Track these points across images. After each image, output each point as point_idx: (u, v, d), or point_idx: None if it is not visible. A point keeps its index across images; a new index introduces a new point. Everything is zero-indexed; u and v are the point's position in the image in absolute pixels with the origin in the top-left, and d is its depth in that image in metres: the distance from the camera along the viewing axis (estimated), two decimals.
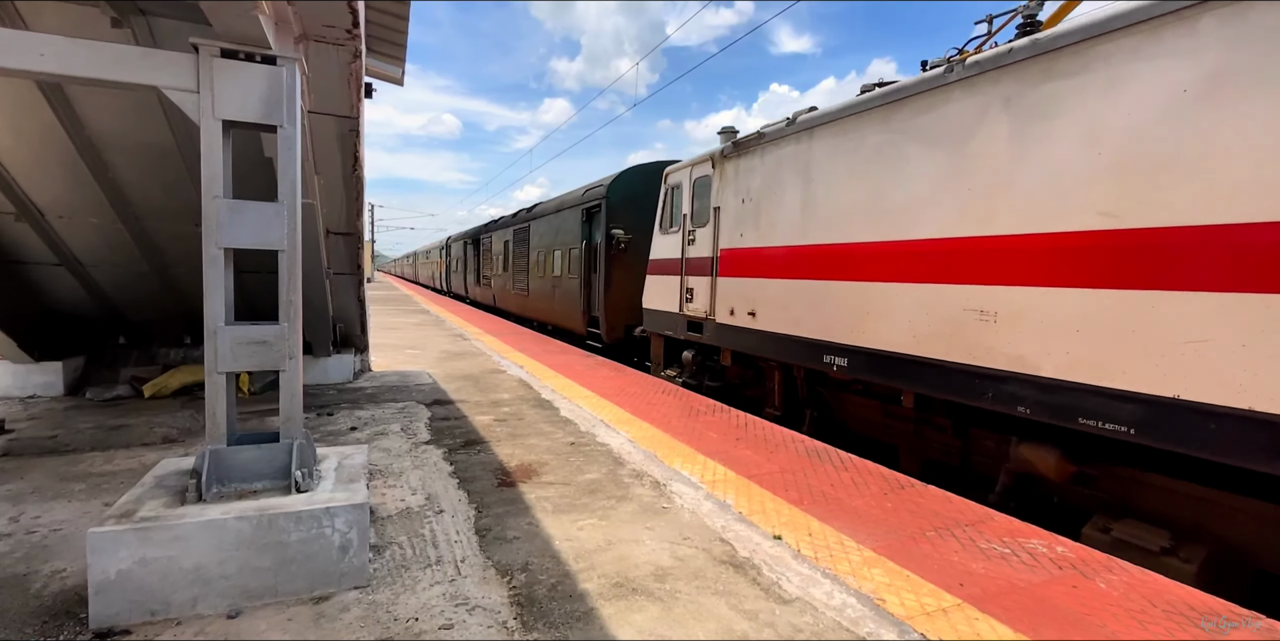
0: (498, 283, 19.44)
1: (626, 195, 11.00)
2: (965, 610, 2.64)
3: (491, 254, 20.34)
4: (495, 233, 19.78)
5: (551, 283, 13.76)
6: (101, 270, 5.95)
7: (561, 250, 13.14)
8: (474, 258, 23.68)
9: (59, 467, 4.31)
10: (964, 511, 3.75)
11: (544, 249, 14.35)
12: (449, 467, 4.43)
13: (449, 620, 2.54)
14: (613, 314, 10.88)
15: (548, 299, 14.11)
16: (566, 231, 12.82)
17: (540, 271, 14.65)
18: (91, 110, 4.29)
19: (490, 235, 20.58)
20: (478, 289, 23.13)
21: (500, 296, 19.20)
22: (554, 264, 13.59)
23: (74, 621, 2.47)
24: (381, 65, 7.62)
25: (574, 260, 12.24)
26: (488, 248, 21.03)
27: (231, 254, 2.94)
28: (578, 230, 12.11)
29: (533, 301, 15.48)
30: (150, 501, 2.71)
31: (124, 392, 6.52)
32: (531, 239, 15.43)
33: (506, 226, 18.12)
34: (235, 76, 2.80)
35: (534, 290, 15.18)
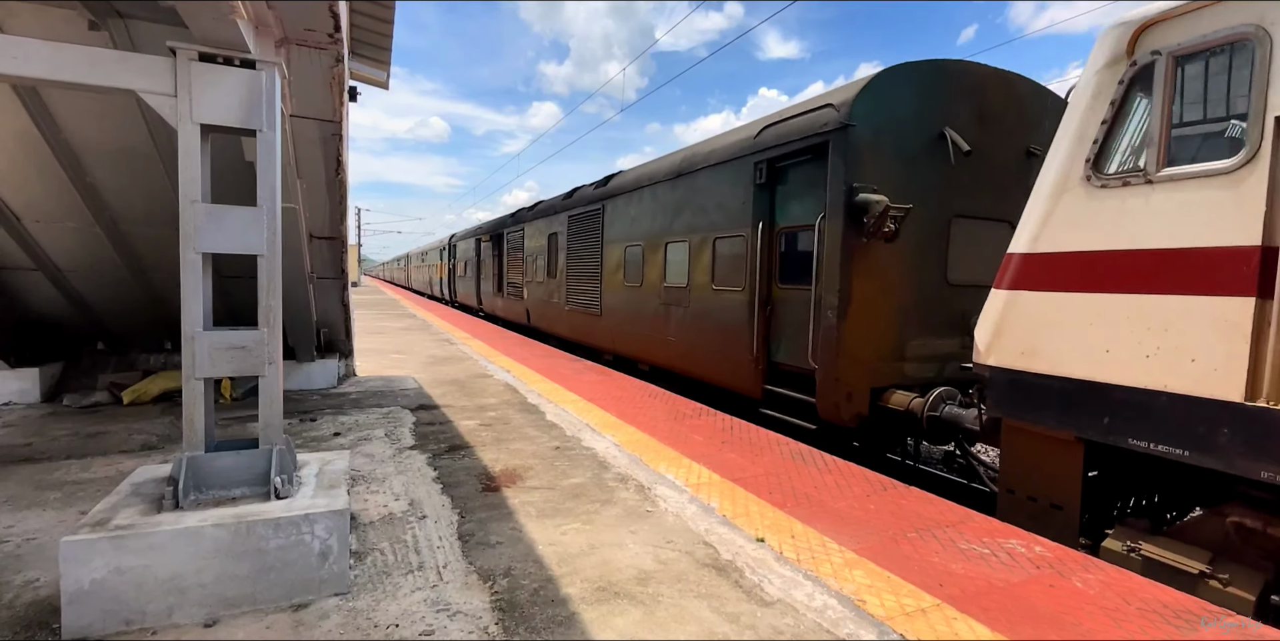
0: (537, 293, 14.05)
1: (890, 120, 5.54)
2: (944, 610, 2.67)
3: (524, 253, 14.98)
4: (532, 224, 14.35)
5: (667, 299, 8.29)
6: (79, 275, 5.87)
7: (695, 241, 7.61)
8: (493, 259, 18.41)
9: (34, 476, 4.23)
10: (945, 512, 3.79)
11: (646, 241, 8.89)
12: (432, 473, 4.41)
13: (430, 626, 2.52)
14: (852, 367, 5.52)
15: (655, 326, 8.60)
16: (709, 208, 7.33)
17: (635, 278, 9.23)
18: (68, 114, 4.24)
19: (522, 228, 15.23)
20: (499, 301, 17.84)
21: (540, 313, 13.95)
22: (672, 266, 8.20)
23: (46, 631, 2.43)
24: (366, 69, 7.60)
25: (731, 259, 6.92)
26: (517, 245, 15.64)
27: (210, 259, 2.92)
28: (740, 203, 6.71)
29: (614, 325, 10.05)
30: (126, 509, 2.68)
31: (102, 399, 6.42)
32: (612, 226, 10.11)
33: (552, 213, 12.97)
34: (214, 80, 2.78)
35: (620, 309, 9.81)
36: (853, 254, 5.39)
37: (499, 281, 17.88)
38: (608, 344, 10.44)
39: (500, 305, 17.87)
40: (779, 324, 6.31)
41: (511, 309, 16.49)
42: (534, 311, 14.48)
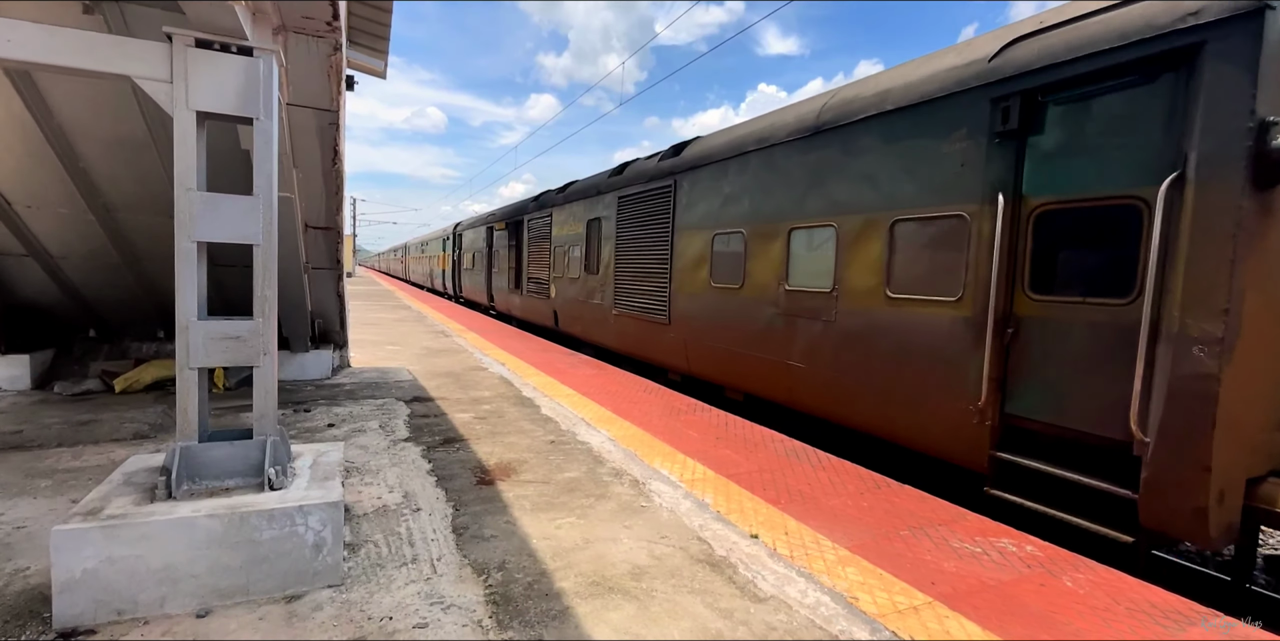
0: (569, 292, 11.53)
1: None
2: (936, 608, 2.69)
3: (552, 244, 12.49)
4: (564, 208, 11.88)
5: (790, 308, 5.99)
6: (71, 262, 5.82)
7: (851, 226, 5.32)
8: (509, 251, 15.98)
9: (24, 463, 4.20)
10: (938, 510, 3.81)
11: (751, 227, 6.52)
12: (427, 465, 4.40)
13: (423, 619, 2.52)
14: (1233, 446, 3.24)
15: (766, 344, 6.28)
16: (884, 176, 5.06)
17: (730, 278, 6.85)
18: (61, 98, 4.19)
19: (548, 213, 12.77)
20: (515, 298, 15.40)
21: (574, 315, 11.36)
22: (800, 263, 5.95)
23: (37, 621, 2.42)
24: (363, 58, 7.53)
25: (928, 253, 4.71)
26: (541, 234, 13.30)
27: (205, 248, 2.89)
28: (956, 166, 4.47)
29: (691, 338, 7.63)
30: (118, 498, 2.66)
31: (94, 387, 6.37)
32: (691, 208, 7.61)
33: (593, 195, 10.46)
34: (210, 67, 2.75)
35: (700, 318, 7.44)
36: (1253, 243, 3.13)
37: (516, 276, 15.36)
38: (678, 361, 7.84)
39: (518, 304, 15.28)
40: (1031, 357, 3.97)
41: (533, 309, 13.97)
42: (565, 313, 11.83)
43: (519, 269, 15.20)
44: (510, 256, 16.04)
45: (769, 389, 6.30)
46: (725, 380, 7.12)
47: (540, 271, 13.39)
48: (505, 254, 16.48)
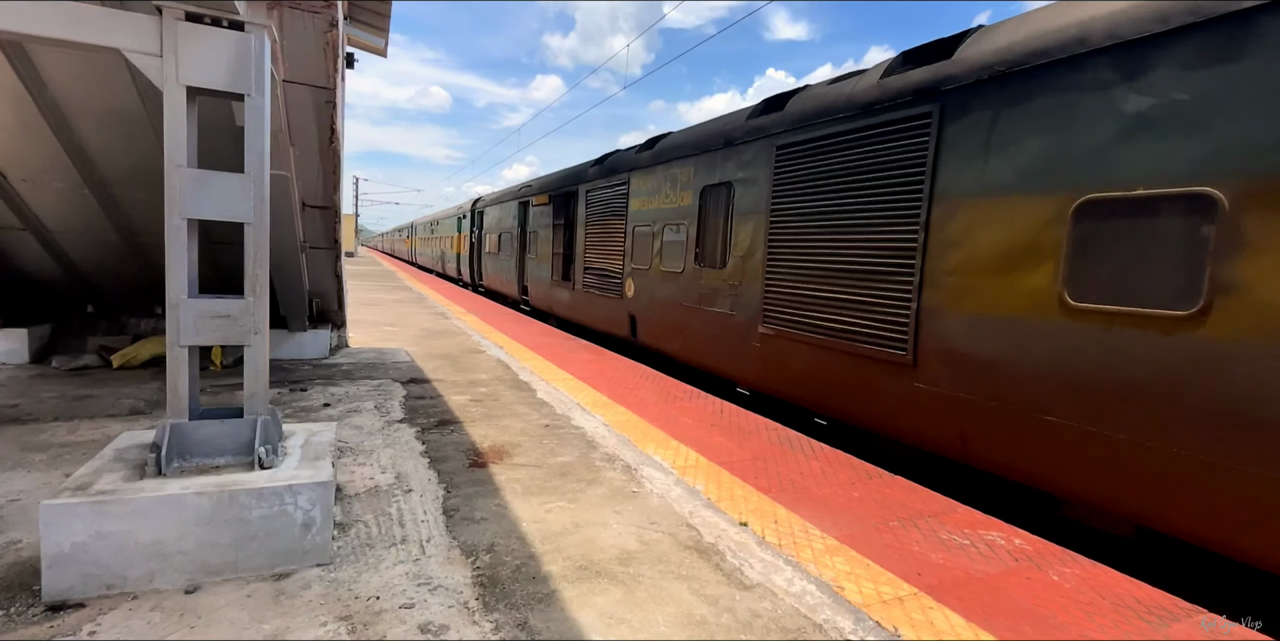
0: (660, 292, 8.33)
1: None
2: (921, 599, 2.70)
3: (631, 222, 9.18)
4: (651, 173, 8.65)
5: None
6: (68, 236, 5.79)
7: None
8: (556, 232, 12.41)
9: (20, 437, 4.22)
10: (928, 502, 3.81)
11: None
12: (420, 447, 4.42)
13: (410, 599, 2.54)
14: None
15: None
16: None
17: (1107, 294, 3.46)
18: (55, 70, 4.13)
19: (623, 182, 9.44)
20: (565, 294, 11.91)
21: (670, 326, 8.13)
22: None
23: (27, 593, 2.44)
24: (364, 35, 7.43)
25: None
26: (609, 209, 9.89)
27: (195, 225, 2.86)
28: None
29: (989, 398, 4.08)
30: (108, 474, 2.67)
31: (91, 362, 6.39)
32: (990, 154, 4.11)
33: (717, 148, 7.11)
34: (201, 41, 2.69)
35: (1044, 359, 3.77)
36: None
37: (565, 265, 12.02)
38: (943, 436, 4.47)
39: (566, 301, 11.83)
40: None
41: (592, 310, 10.57)
42: (650, 321, 8.56)
43: (569, 256, 11.74)
44: (556, 239, 12.38)
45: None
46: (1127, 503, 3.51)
47: (607, 260, 9.87)
48: (548, 236, 12.78)
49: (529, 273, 14.46)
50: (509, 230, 16.04)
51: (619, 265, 9.54)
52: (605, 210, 10.10)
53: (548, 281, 12.99)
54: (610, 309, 9.90)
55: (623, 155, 10.04)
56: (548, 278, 12.95)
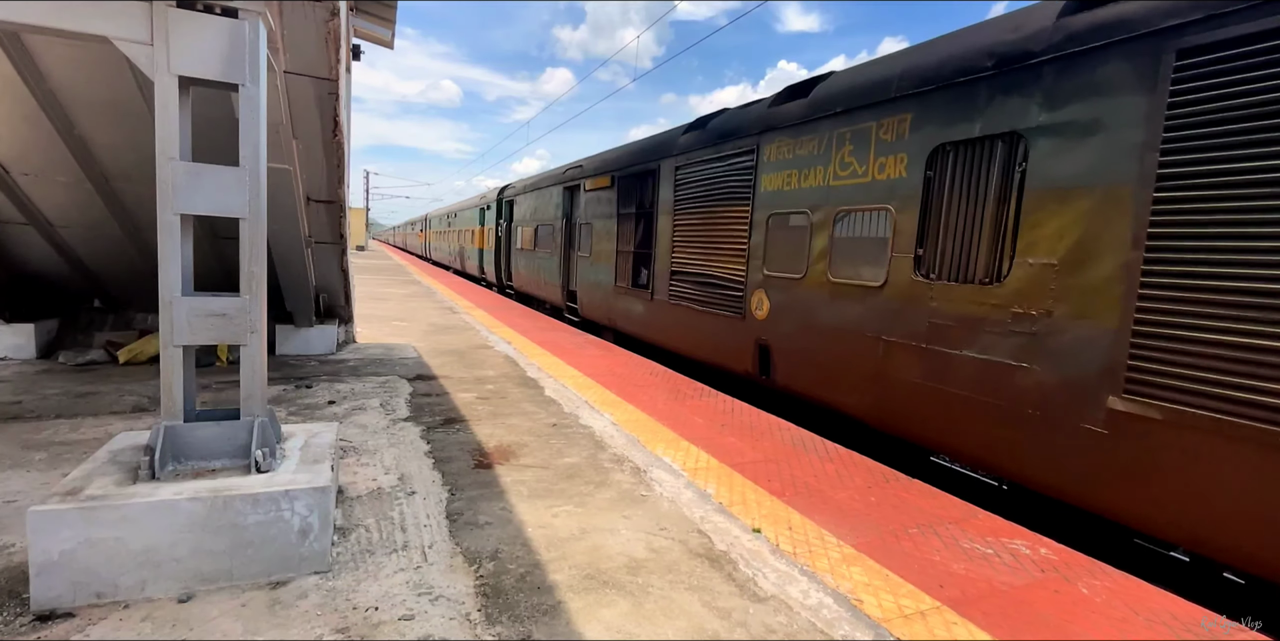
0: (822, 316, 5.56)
1: None
2: (944, 613, 2.57)
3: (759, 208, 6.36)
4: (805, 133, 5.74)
5: None
6: (73, 231, 5.74)
7: None
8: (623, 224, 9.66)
9: (21, 434, 4.18)
10: (948, 508, 3.67)
11: None
12: (425, 446, 4.33)
13: (410, 610, 2.44)
14: None
15: None
16: None
17: None
18: (52, 61, 4.04)
19: (749, 150, 6.50)
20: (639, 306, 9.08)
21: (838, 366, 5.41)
22: None
23: (16, 601, 2.36)
24: (370, 27, 7.31)
25: None
26: (714, 192, 7.15)
27: (190, 220, 2.77)
28: None
29: None
30: (100, 478, 2.59)
31: (98, 357, 6.36)
32: None
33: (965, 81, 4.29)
34: (193, 29, 2.59)
35: None
36: None
37: (637, 267, 9.13)
38: None
39: (640, 316, 8.92)
40: None
41: (687, 330, 7.70)
42: (803, 357, 5.85)
43: (643, 255, 8.93)
44: (623, 233, 9.55)
45: None
46: None
47: (715, 263, 7.01)
48: (609, 229, 10.00)
49: (578, 275, 11.53)
50: (549, 222, 13.29)
51: (737, 270, 6.56)
52: (711, 192, 7.13)
53: (607, 287, 9.96)
54: (720, 332, 6.85)
55: (741, 112, 6.84)
56: (607, 283, 9.97)
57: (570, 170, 12.15)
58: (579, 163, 11.86)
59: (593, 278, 10.83)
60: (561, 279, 12.57)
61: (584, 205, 11.28)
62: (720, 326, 6.94)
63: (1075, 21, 3.73)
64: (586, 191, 11.02)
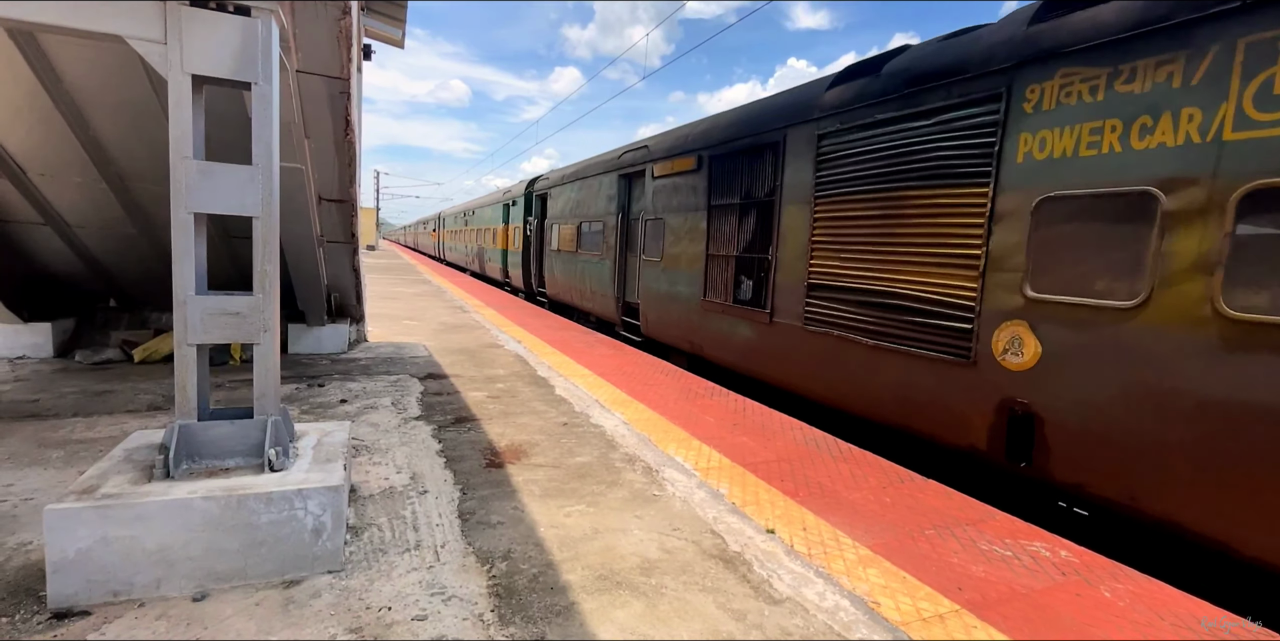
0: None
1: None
2: (963, 617, 2.53)
3: (997, 192, 4.02)
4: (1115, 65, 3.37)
5: None
6: (89, 231, 5.79)
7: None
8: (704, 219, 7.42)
9: (39, 433, 4.21)
10: (965, 508, 3.62)
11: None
12: (437, 445, 4.32)
13: (423, 611, 2.43)
14: None
15: None
16: None
17: None
18: (68, 62, 4.06)
19: (944, 105, 4.37)
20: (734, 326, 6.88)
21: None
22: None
23: (33, 599, 2.37)
24: (381, 26, 7.32)
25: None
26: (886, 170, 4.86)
27: (204, 219, 2.77)
28: None
29: None
30: (115, 477, 2.60)
31: (114, 356, 6.42)
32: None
33: None
34: (206, 27, 2.58)
35: None
36: None
37: (739, 276, 6.94)
38: None
39: (748, 343, 6.71)
40: None
41: (846, 373, 5.36)
42: (1115, 453, 3.44)
43: (759, 262, 6.54)
44: (720, 231, 7.18)
45: None
46: None
47: (899, 276, 4.84)
48: (695, 226, 7.61)
49: (642, 284, 9.12)
50: (597, 218, 10.87)
51: (958, 289, 4.36)
52: (895, 169, 4.84)
53: (688, 302, 7.69)
54: (916, 381, 4.69)
55: (960, 44, 4.52)
56: (688, 295, 7.67)
57: (630, 153, 9.71)
58: (641, 143, 9.54)
59: (664, 288, 8.46)
60: (615, 288, 10.19)
61: (651, 196, 8.80)
62: (916, 373, 4.66)
63: None
64: (656, 179, 8.59)
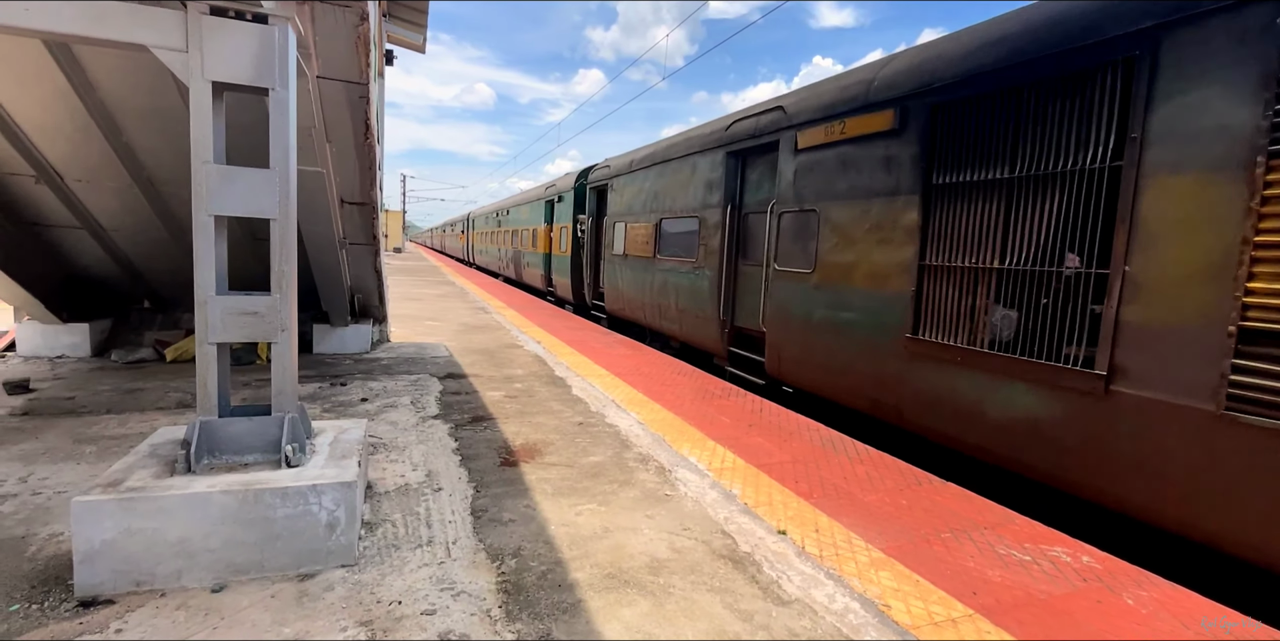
0: None
1: None
2: (977, 622, 2.48)
3: None
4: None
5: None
6: (122, 234, 5.99)
7: None
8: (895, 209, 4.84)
9: (74, 429, 4.37)
10: (984, 512, 3.55)
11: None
12: (453, 444, 4.38)
13: (432, 605, 2.47)
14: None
15: None
16: None
17: None
18: (101, 72, 4.22)
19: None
20: (990, 394, 4.05)
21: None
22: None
23: (61, 588, 2.46)
24: (402, 32, 7.45)
25: None
26: None
27: (225, 221, 2.85)
28: None
29: None
30: (140, 471, 2.69)
31: (147, 356, 6.63)
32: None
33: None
34: (225, 36, 2.66)
35: None
36: None
37: (969, 303, 4.25)
38: None
39: (1052, 429, 3.68)
40: None
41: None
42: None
43: (1090, 285, 3.54)
44: (947, 229, 4.47)
45: None
46: None
47: None
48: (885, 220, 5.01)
49: (770, 305, 6.47)
50: (691, 212, 8.08)
51: None
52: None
53: (877, 339, 5.09)
54: None
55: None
56: (879, 328, 5.07)
57: (745, 121, 6.99)
58: (769, 104, 6.64)
59: (817, 313, 5.73)
60: (718, 308, 7.39)
61: (792, 178, 6.07)
62: None
63: None
64: (802, 152, 5.93)
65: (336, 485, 2.69)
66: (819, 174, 5.72)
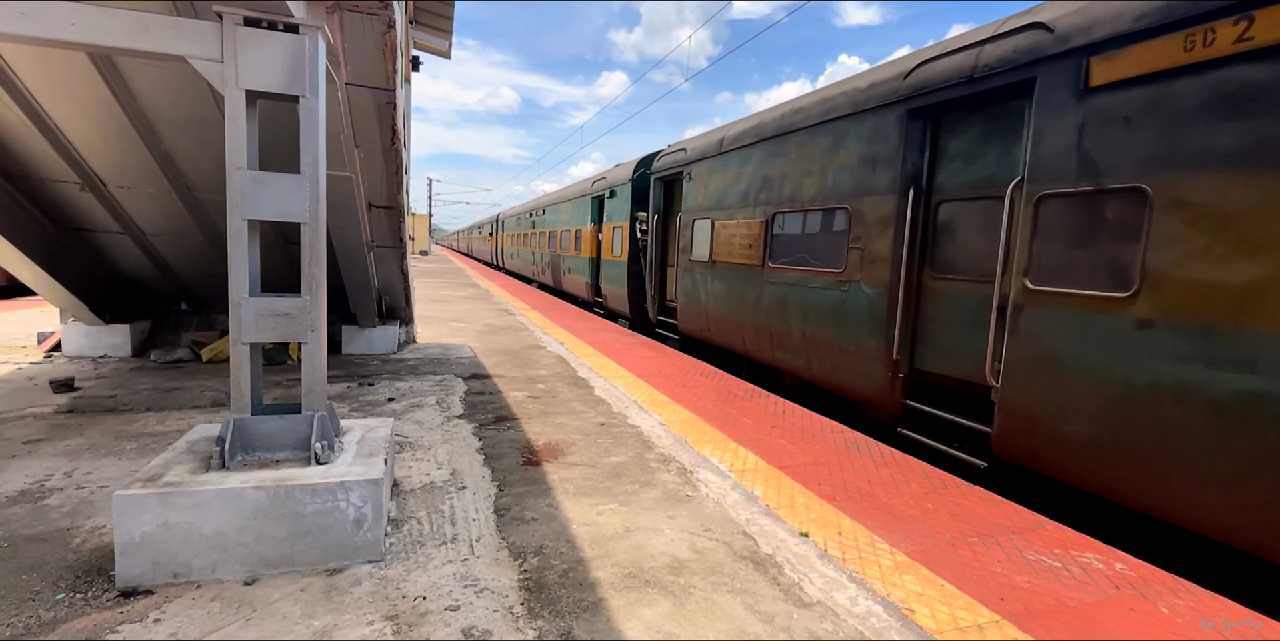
0: None
1: None
2: (1003, 628, 2.43)
3: None
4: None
5: None
6: (161, 239, 6.20)
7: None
8: None
9: (116, 426, 4.53)
10: (1012, 517, 3.48)
11: None
12: (477, 443, 4.44)
13: (456, 601, 2.51)
14: None
15: None
16: None
17: None
18: (142, 82, 4.38)
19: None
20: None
21: None
22: None
23: (103, 578, 2.56)
24: (428, 38, 7.58)
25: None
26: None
27: (257, 226, 2.94)
28: None
29: None
30: (177, 466, 2.78)
31: (184, 356, 6.85)
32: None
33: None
34: (258, 45, 2.75)
35: None
36: None
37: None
38: None
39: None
40: None
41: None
42: None
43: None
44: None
45: None
46: None
47: None
48: None
49: (1009, 353, 4.05)
50: (834, 202, 5.86)
51: None
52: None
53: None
54: None
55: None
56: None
57: (941, 60, 4.76)
58: (1016, 23, 4.20)
59: (1141, 375, 3.37)
60: (886, 343, 5.15)
61: (1075, 138, 3.73)
62: None
63: None
64: (1098, 93, 3.62)
65: (364, 482, 2.75)
66: (1151, 125, 3.39)
